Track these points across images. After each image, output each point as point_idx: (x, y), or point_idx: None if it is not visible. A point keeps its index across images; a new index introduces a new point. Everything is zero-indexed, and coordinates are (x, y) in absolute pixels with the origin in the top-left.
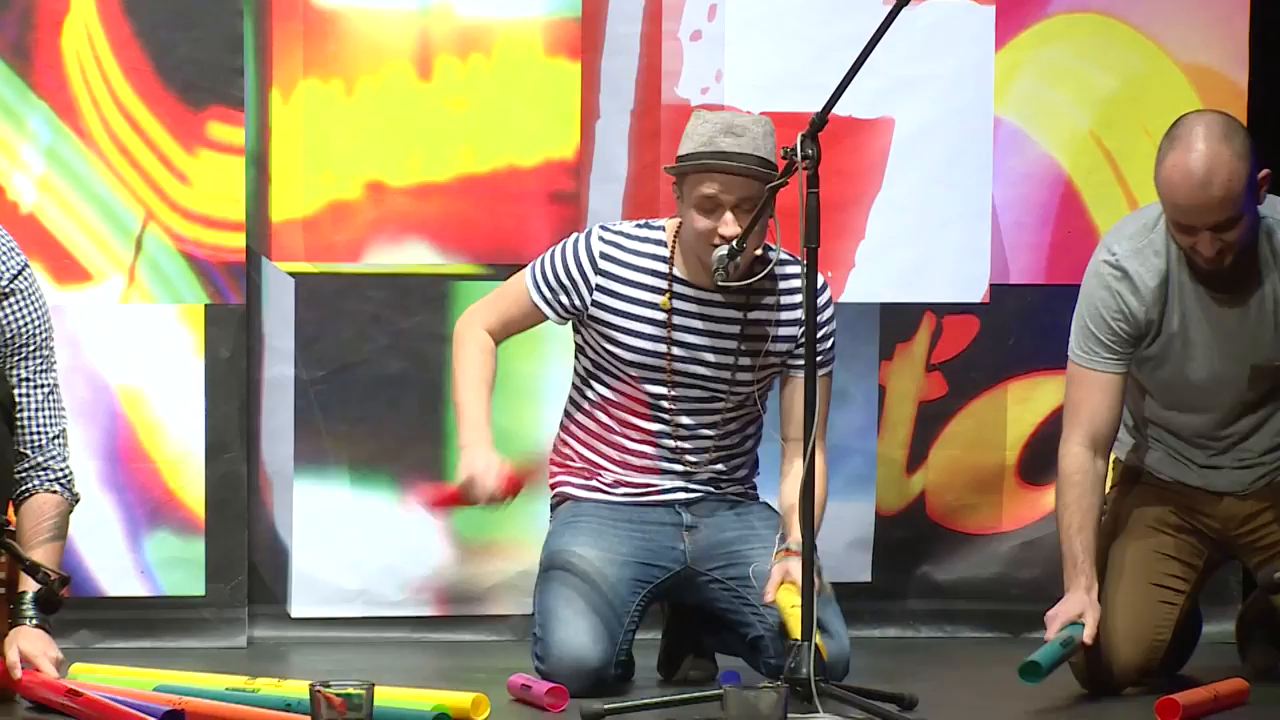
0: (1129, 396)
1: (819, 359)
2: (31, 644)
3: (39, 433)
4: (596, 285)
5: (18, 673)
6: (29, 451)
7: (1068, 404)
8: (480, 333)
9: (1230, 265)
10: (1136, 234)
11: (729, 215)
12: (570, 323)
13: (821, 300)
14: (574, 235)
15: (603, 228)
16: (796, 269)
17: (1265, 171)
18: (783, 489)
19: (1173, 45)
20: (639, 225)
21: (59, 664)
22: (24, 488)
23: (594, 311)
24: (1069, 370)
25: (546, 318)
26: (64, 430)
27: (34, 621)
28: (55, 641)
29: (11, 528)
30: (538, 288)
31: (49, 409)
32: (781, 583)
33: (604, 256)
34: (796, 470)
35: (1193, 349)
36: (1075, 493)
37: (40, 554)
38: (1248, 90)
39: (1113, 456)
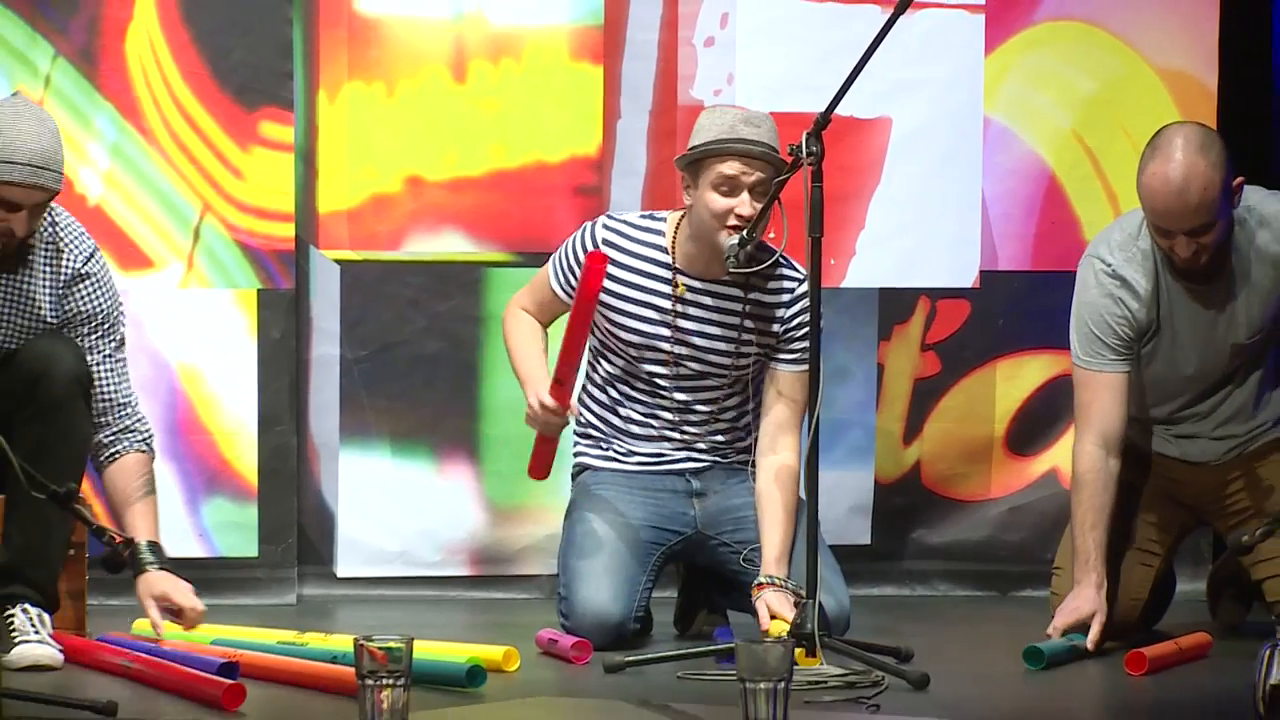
0: None
1: (795, 357)
2: (162, 585)
3: (122, 403)
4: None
5: (161, 628)
6: (110, 419)
7: (1078, 407)
8: (521, 312)
9: (1206, 259)
10: (1125, 243)
11: (746, 195)
12: None
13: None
14: (584, 224)
15: (608, 217)
16: (791, 272)
17: (1239, 179)
18: (757, 501)
19: (1149, 51)
20: (642, 216)
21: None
22: (113, 450)
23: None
24: (1075, 375)
25: (566, 305)
26: (137, 398)
27: (156, 566)
28: (134, 596)
29: (80, 495)
30: (554, 275)
31: (126, 379)
32: (771, 617)
33: (606, 243)
34: (766, 469)
35: (1180, 338)
36: (1088, 491)
37: (139, 508)
38: (1218, 92)
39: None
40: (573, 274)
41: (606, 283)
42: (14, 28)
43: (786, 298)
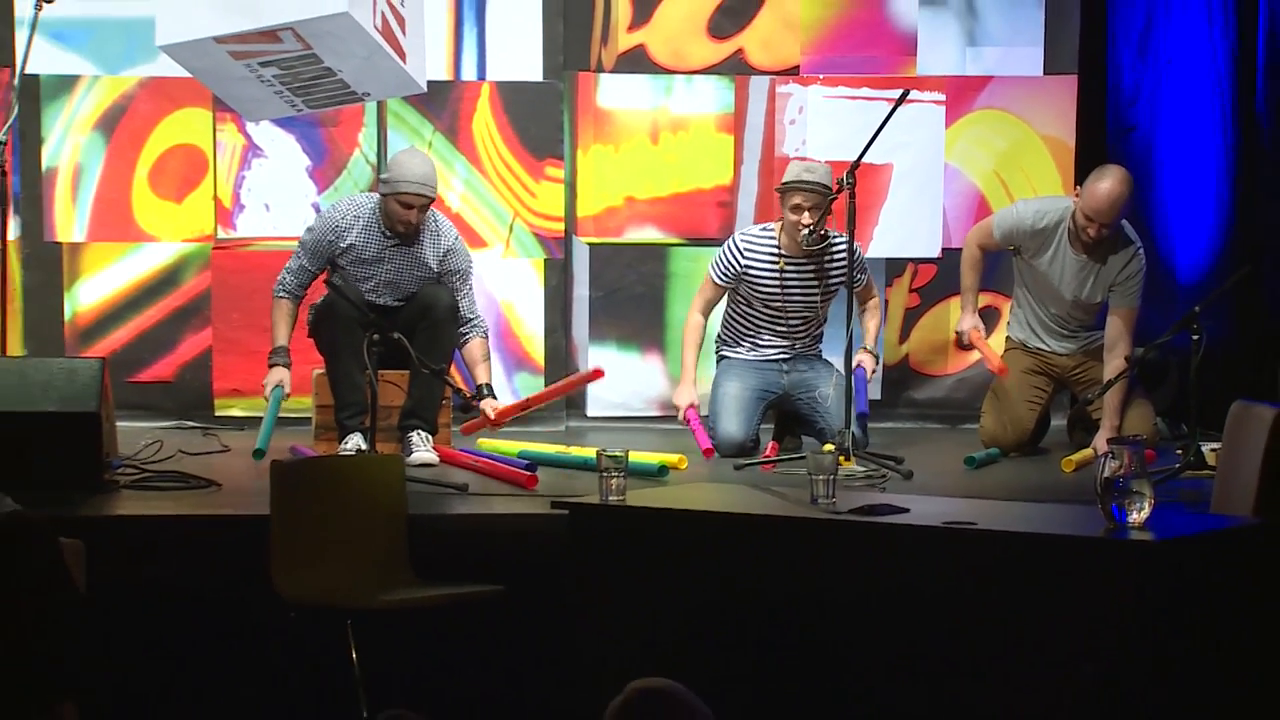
0: (1024, 296)
1: (860, 275)
2: (492, 406)
3: (472, 315)
4: (744, 262)
5: (492, 414)
6: (466, 323)
7: (974, 233)
8: (696, 316)
9: (1094, 247)
10: (1042, 208)
11: (805, 214)
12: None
13: (856, 252)
14: (728, 242)
15: (742, 233)
16: (837, 239)
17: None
18: (864, 322)
19: (1036, 125)
20: (760, 228)
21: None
22: (466, 336)
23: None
24: (982, 225)
25: (724, 291)
26: (479, 308)
27: (490, 397)
28: (468, 424)
29: (448, 372)
30: (715, 274)
31: (473, 301)
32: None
33: (745, 248)
34: (867, 316)
35: (1064, 275)
36: (969, 268)
37: (482, 367)
38: (1075, 149)
39: (1005, 334)
40: (729, 272)
41: (745, 260)
42: (411, 113)
43: (840, 253)
